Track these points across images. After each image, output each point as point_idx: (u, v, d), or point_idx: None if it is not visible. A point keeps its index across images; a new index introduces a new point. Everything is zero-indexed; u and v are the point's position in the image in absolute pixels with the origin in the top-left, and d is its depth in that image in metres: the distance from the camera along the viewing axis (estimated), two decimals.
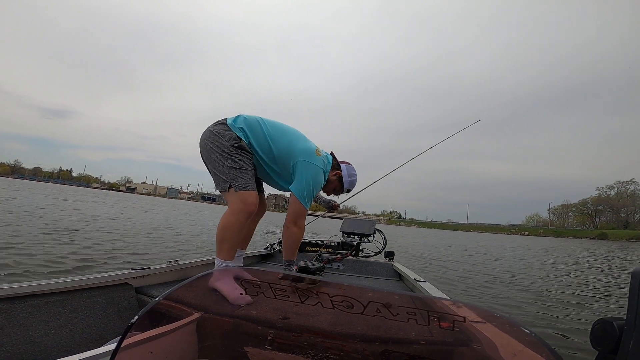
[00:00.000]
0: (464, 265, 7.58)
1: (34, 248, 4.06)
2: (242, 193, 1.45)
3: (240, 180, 1.46)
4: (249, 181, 1.49)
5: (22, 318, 1.09)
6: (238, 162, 1.47)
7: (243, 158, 1.50)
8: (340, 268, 2.70)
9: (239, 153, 1.49)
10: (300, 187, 1.56)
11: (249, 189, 1.47)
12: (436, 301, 0.49)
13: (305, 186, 1.56)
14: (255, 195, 1.50)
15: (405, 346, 0.48)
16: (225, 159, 1.47)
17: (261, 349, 0.53)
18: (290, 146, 1.58)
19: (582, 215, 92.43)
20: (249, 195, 1.46)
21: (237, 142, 1.49)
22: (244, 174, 1.48)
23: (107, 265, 3.82)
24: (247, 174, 1.49)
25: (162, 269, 1.73)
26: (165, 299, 0.51)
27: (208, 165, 1.55)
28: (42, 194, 19.22)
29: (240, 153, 1.49)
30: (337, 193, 1.89)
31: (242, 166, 1.48)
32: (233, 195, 1.45)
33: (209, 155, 1.51)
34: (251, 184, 1.50)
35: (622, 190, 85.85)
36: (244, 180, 1.47)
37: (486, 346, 0.44)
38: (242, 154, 1.50)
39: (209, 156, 1.51)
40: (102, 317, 1.32)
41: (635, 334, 0.44)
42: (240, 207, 1.44)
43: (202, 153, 1.57)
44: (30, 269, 3.16)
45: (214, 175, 1.52)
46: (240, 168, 1.47)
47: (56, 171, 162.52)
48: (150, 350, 0.51)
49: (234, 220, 1.44)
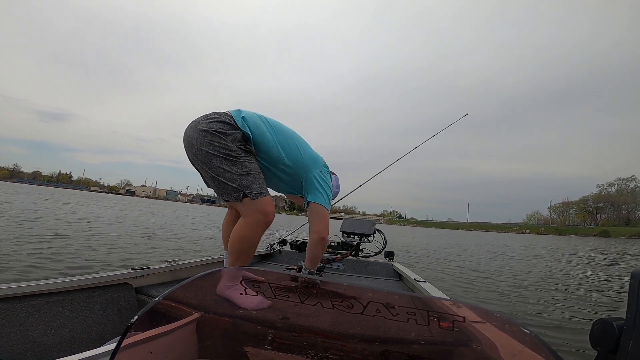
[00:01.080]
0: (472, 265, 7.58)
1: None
2: (260, 201, 1.31)
3: (256, 187, 1.31)
4: (264, 186, 1.35)
5: (22, 318, 1.09)
6: (248, 166, 1.32)
7: (252, 160, 1.36)
8: (340, 268, 2.70)
9: (247, 156, 1.34)
10: (323, 198, 1.54)
11: (265, 195, 1.34)
12: (436, 301, 0.49)
13: (327, 196, 1.56)
14: (272, 202, 1.37)
15: (405, 346, 0.48)
16: (234, 163, 1.29)
17: (261, 349, 0.53)
18: (301, 155, 1.52)
19: (583, 212, 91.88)
20: (267, 203, 1.33)
21: (244, 144, 1.34)
22: (257, 179, 1.33)
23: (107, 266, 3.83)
24: (260, 178, 1.36)
25: (161, 269, 1.73)
26: (165, 299, 0.50)
27: (207, 171, 1.33)
28: (37, 198, 18.99)
29: (248, 156, 1.35)
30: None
31: (253, 170, 1.33)
32: (250, 204, 1.30)
33: (207, 160, 1.30)
34: (266, 189, 1.37)
35: (623, 187, 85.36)
36: (259, 186, 1.32)
37: (486, 346, 0.44)
38: (250, 157, 1.36)
39: (207, 160, 1.30)
40: (102, 317, 1.32)
41: (635, 334, 0.44)
42: (259, 219, 1.31)
43: (194, 156, 1.35)
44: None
45: (217, 183, 1.33)
46: (252, 172, 1.32)
47: (55, 175, 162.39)
48: (150, 350, 0.51)
49: (254, 234, 1.31)
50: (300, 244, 3.03)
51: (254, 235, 1.32)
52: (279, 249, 3.08)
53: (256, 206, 1.31)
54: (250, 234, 1.31)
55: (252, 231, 1.31)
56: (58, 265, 3.52)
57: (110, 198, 45.82)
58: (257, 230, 1.32)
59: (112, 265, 3.89)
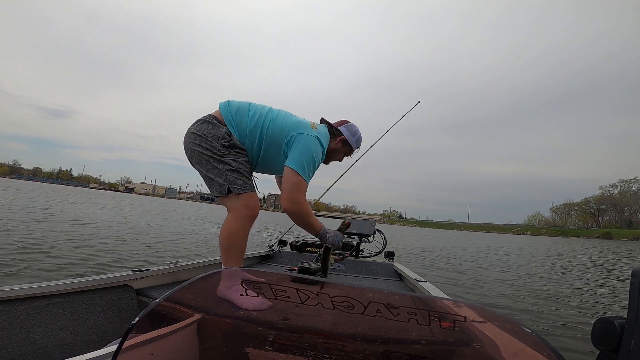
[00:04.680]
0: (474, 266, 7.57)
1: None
2: (243, 196, 1.37)
3: (239, 182, 1.37)
4: (248, 182, 1.42)
5: (23, 320, 1.09)
6: (233, 162, 1.38)
7: (238, 157, 1.41)
8: (341, 268, 2.70)
9: (231, 153, 1.39)
10: (295, 158, 1.39)
11: (249, 190, 1.40)
12: (437, 301, 0.49)
13: (303, 155, 1.39)
14: (257, 197, 1.44)
15: (406, 346, 0.48)
16: (219, 161, 1.37)
17: (262, 350, 0.53)
18: (283, 123, 1.45)
19: (584, 214, 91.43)
20: (250, 197, 1.39)
21: (227, 141, 1.38)
22: (241, 175, 1.39)
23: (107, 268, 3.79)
24: (244, 174, 1.41)
25: (162, 271, 1.73)
26: (165, 301, 0.50)
27: (200, 170, 1.43)
28: (24, 193, 18.08)
29: (233, 152, 1.40)
30: (349, 155, 1.78)
31: (237, 167, 1.39)
32: (234, 199, 1.37)
33: (199, 159, 1.39)
34: (250, 185, 1.43)
35: (626, 188, 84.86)
36: (243, 182, 1.39)
37: (487, 346, 0.44)
38: (235, 153, 1.40)
39: (199, 160, 1.40)
40: (103, 319, 1.32)
41: (637, 332, 0.44)
42: (243, 212, 1.37)
43: (190, 158, 1.45)
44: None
45: (207, 180, 1.41)
46: (236, 169, 1.38)
47: (56, 171, 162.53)
48: (151, 352, 0.51)
49: (239, 226, 1.37)
50: (301, 244, 3.03)
51: (239, 229, 1.37)
52: (279, 249, 3.08)
53: (240, 200, 1.37)
54: (235, 227, 1.37)
55: (237, 224, 1.37)
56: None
57: (105, 195, 44.51)
58: (243, 223, 1.37)
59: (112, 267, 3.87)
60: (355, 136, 1.70)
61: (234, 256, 1.37)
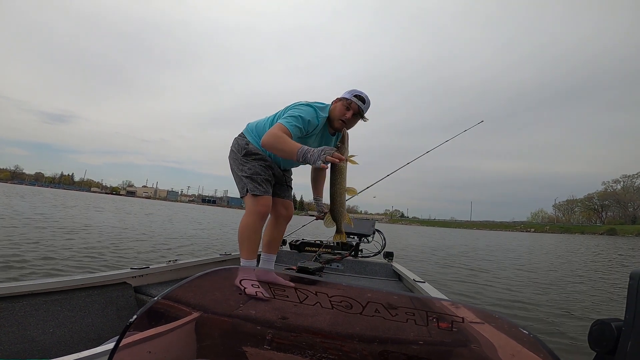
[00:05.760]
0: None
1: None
2: (257, 197, 1.61)
3: (252, 185, 1.62)
4: (261, 185, 1.63)
5: (21, 317, 1.09)
6: (250, 169, 1.65)
7: (255, 164, 1.67)
8: (340, 268, 2.71)
9: (249, 161, 1.67)
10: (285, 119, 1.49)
11: (261, 192, 1.62)
12: (435, 302, 0.49)
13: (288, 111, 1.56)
14: (268, 198, 1.65)
15: (404, 346, 0.48)
16: (239, 168, 1.68)
17: (260, 349, 0.53)
18: (282, 115, 1.60)
19: (588, 210, 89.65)
20: (263, 199, 1.62)
21: (245, 150, 1.68)
22: (255, 178, 1.63)
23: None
24: (258, 178, 1.64)
25: (161, 269, 1.73)
26: (164, 299, 0.50)
27: (233, 175, 1.76)
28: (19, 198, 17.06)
29: (250, 161, 1.67)
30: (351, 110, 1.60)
31: (253, 172, 1.64)
32: (248, 198, 1.63)
33: (232, 168, 1.75)
34: (262, 188, 1.63)
35: (629, 184, 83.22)
36: (255, 185, 1.62)
37: (485, 347, 0.44)
38: (253, 160, 1.67)
39: (232, 168, 1.75)
40: (101, 317, 1.32)
41: (633, 334, 0.44)
42: (252, 209, 1.60)
43: (230, 166, 1.79)
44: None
45: (236, 182, 1.73)
46: (252, 174, 1.64)
47: (57, 176, 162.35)
48: (149, 350, 0.51)
49: (250, 221, 1.60)
50: (300, 244, 3.03)
51: (249, 223, 1.60)
52: (279, 249, 3.08)
53: (251, 200, 1.62)
54: (247, 222, 1.60)
55: (247, 219, 1.61)
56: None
57: (106, 199, 43.94)
58: (253, 219, 1.60)
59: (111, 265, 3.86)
60: (350, 91, 1.62)
61: (246, 248, 1.59)
